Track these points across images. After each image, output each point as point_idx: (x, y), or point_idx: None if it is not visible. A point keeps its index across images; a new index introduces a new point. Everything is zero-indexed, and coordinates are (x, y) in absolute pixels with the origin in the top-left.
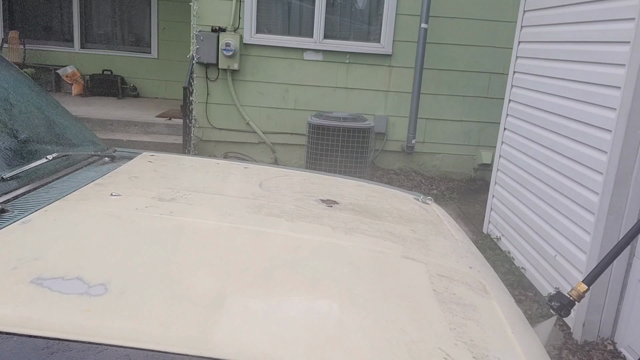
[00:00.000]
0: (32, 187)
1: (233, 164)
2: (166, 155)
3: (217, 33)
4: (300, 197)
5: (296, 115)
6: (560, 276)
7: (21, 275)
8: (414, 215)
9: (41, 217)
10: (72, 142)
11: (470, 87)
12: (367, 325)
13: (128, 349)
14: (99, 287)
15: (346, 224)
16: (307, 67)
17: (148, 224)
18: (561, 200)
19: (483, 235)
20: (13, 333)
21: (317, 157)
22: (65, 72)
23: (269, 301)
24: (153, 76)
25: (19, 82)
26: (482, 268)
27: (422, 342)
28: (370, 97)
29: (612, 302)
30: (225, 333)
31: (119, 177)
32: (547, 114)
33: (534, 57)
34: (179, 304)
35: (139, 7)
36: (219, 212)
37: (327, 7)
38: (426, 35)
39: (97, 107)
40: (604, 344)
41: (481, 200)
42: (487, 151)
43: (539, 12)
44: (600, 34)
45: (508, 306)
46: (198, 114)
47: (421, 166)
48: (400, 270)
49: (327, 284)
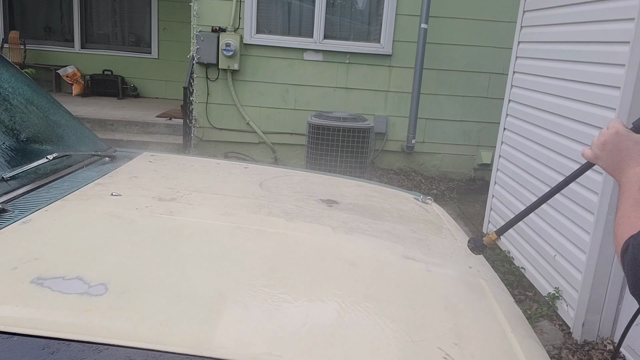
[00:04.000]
0: (32, 187)
1: (233, 164)
2: (166, 155)
3: (218, 33)
4: (300, 197)
5: (296, 115)
6: (559, 276)
7: (21, 275)
8: (413, 215)
9: (41, 217)
10: (72, 142)
11: (470, 87)
12: (367, 325)
13: (128, 349)
14: (99, 286)
15: (346, 223)
16: (307, 67)
17: (148, 223)
18: (561, 200)
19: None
20: (13, 333)
21: (317, 157)
22: (65, 72)
23: (269, 301)
24: (153, 76)
25: (19, 82)
26: (481, 268)
27: (422, 342)
28: (370, 97)
29: (611, 302)
30: (225, 333)
31: (119, 177)
32: (547, 114)
33: (533, 57)
34: (179, 303)
35: (140, 7)
36: (219, 212)
37: (327, 7)
38: (426, 36)
39: (98, 107)
40: (603, 344)
41: (481, 200)
42: (486, 151)
43: (538, 12)
44: (600, 34)
45: (507, 306)
46: (198, 114)
47: (421, 166)
48: (400, 270)
49: (327, 283)
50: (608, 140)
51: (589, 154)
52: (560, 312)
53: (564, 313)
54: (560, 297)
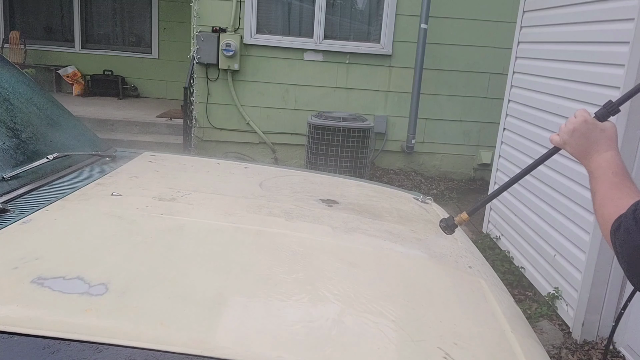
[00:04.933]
0: (32, 187)
1: (233, 164)
2: (167, 155)
3: (218, 33)
4: (300, 196)
5: (296, 115)
6: (559, 275)
7: (22, 275)
8: (413, 215)
9: (42, 217)
10: (72, 142)
11: (470, 87)
12: (367, 325)
13: (128, 349)
14: (99, 286)
15: (346, 223)
16: (307, 67)
17: (149, 223)
18: (560, 200)
19: (483, 235)
20: (14, 333)
21: (317, 157)
22: (65, 72)
23: (269, 301)
24: (153, 76)
25: (19, 82)
26: (481, 268)
27: (422, 342)
28: (370, 97)
29: (611, 302)
30: (225, 333)
31: (120, 177)
32: (546, 114)
33: (533, 58)
34: (179, 303)
35: (140, 7)
36: (219, 212)
37: (327, 8)
38: (426, 36)
39: (98, 107)
40: (603, 344)
41: (481, 200)
42: (486, 151)
43: (538, 12)
44: (600, 34)
45: (507, 306)
46: (198, 114)
47: (421, 166)
48: (400, 270)
49: (327, 283)
50: (577, 128)
51: (557, 139)
52: (560, 312)
53: (563, 313)
54: (559, 296)
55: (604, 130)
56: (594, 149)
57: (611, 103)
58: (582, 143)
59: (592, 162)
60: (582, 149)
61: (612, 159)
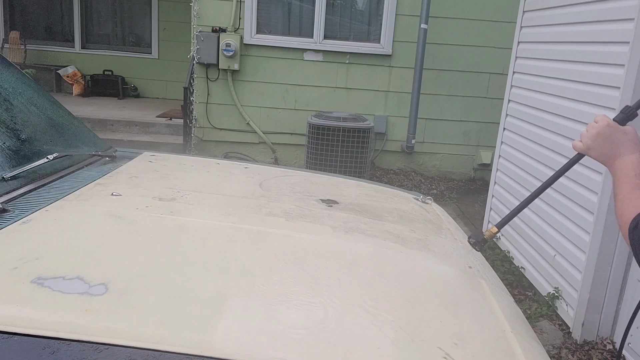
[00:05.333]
0: (32, 187)
1: (233, 164)
2: (167, 155)
3: (218, 33)
4: (300, 197)
5: (296, 115)
6: (559, 276)
7: (22, 275)
8: (413, 215)
9: (42, 217)
10: (72, 142)
11: (470, 87)
12: (367, 325)
13: (128, 349)
14: (99, 286)
15: (346, 223)
16: (307, 67)
17: (149, 223)
18: (560, 200)
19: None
20: (14, 333)
21: (317, 157)
22: (65, 72)
23: (269, 301)
24: (153, 76)
25: (19, 83)
26: (481, 267)
27: (422, 342)
28: (370, 97)
29: (611, 302)
30: (225, 333)
31: (120, 177)
32: (547, 114)
33: (533, 58)
34: (179, 303)
35: (140, 7)
36: (219, 212)
37: (327, 8)
38: (426, 36)
39: (98, 107)
40: (603, 344)
41: (481, 200)
42: (486, 151)
43: (538, 12)
44: (600, 34)
45: (507, 306)
46: (198, 114)
47: (421, 166)
48: (399, 270)
49: (327, 283)
50: (600, 132)
51: (580, 145)
52: (559, 312)
53: (563, 313)
54: (559, 297)
55: (626, 133)
56: (619, 151)
57: (629, 108)
58: (606, 146)
59: (616, 164)
60: (607, 153)
61: (636, 161)
